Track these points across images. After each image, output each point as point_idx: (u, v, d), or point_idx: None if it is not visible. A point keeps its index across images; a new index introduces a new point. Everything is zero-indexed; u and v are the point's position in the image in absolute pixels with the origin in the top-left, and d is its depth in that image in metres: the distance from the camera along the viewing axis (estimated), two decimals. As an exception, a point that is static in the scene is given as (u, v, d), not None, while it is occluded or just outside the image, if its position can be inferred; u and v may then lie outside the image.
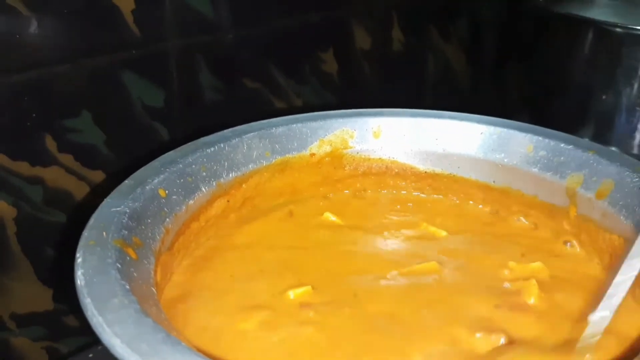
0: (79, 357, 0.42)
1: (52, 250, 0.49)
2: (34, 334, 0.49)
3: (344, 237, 0.40)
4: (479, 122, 0.42)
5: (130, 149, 0.51)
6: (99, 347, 0.24)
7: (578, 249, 0.38)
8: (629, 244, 0.32)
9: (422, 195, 0.44)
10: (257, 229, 0.40)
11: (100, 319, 0.23)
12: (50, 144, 0.46)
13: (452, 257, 0.37)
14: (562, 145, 0.38)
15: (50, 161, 0.47)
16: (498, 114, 0.42)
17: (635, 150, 0.57)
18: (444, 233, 0.39)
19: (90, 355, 0.42)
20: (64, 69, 0.46)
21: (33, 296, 0.49)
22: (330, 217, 0.41)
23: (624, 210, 0.34)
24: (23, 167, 0.45)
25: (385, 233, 0.40)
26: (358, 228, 0.40)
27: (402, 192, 0.44)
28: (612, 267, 0.35)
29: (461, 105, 0.46)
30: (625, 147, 0.58)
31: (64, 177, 0.48)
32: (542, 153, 0.39)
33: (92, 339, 0.52)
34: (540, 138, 0.39)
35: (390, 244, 0.39)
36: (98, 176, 0.50)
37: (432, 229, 0.40)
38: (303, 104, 0.63)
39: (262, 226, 0.40)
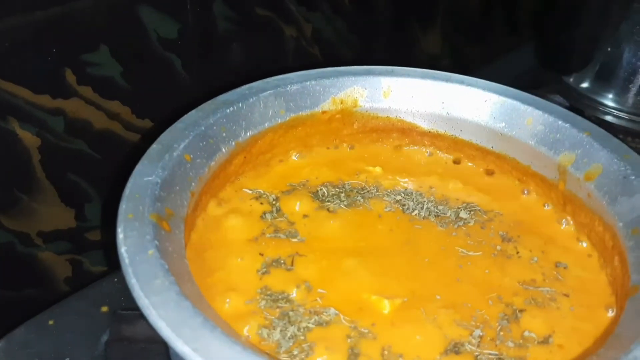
0: (105, 281, 0.46)
1: (74, 175, 0.52)
2: (59, 248, 0.54)
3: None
4: (484, 89, 0.43)
5: (146, 80, 0.53)
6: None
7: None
8: (607, 229, 0.36)
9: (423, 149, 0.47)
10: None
11: (146, 301, 0.27)
12: (70, 77, 0.48)
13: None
14: (559, 122, 0.40)
15: (70, 93, 0.48)
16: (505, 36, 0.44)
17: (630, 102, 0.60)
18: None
19: (115, 280, 0.46)
20: (83, 4, 0.46)
21: (57, 216, 0.53)
22: None
23: (607, 196, 0.36)
24: (45, 100, 0.47)
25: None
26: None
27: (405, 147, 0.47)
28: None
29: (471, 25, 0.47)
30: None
31: (83, 107, 0.50)
32: (540, 127, 0.41)
33: (111, 253, 0.57)
34: (540, 112, 0.41)
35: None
36: (115, 106, 0.52)
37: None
38: (312, 31, 0.63)
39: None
